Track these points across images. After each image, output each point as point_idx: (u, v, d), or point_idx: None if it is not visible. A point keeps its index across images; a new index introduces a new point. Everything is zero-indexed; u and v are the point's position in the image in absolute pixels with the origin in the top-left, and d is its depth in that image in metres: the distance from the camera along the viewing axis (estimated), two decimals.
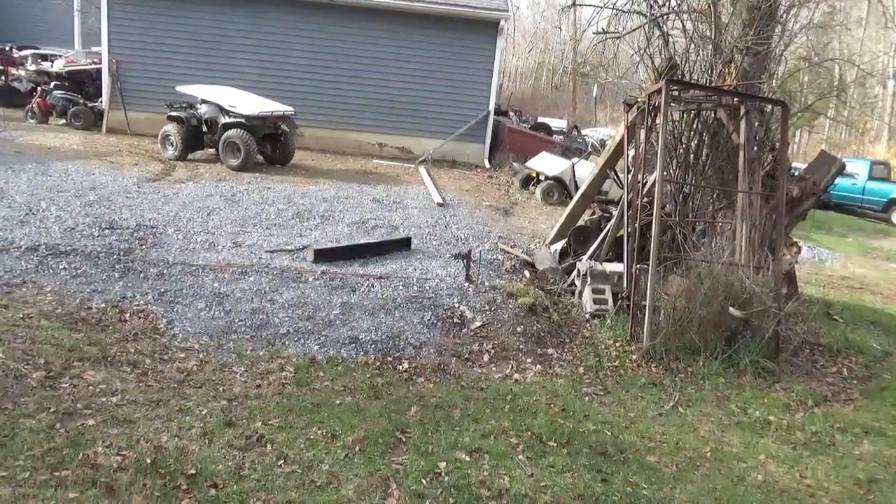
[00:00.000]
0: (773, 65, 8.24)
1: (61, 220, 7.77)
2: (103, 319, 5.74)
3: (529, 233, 10.23)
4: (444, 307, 6.80)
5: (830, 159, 8.25)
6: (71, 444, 3.89)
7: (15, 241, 6.92)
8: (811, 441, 5.40)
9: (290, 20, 15.03)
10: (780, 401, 6.05)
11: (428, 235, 8.98)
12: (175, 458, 3.93)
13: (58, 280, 6.27)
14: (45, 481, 3.53)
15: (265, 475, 3.93)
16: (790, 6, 8.07)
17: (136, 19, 14.66)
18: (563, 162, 13.62)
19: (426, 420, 4.86)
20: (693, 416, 5.61)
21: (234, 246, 7.70)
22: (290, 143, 12.86)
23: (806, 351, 7.26)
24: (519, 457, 4.52)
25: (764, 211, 7.31)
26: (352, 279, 7.12)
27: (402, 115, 15.69)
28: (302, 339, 5.92)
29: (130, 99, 14.61)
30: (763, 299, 6.54)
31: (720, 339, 6.54)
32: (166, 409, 4.50)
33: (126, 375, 4.90)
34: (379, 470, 4.13)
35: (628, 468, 4.57)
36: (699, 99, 7.78)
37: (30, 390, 4.43)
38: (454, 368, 5.89)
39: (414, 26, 15.31)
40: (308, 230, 8.63)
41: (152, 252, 7.23)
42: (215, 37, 14.83)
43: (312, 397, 4.99)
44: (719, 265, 6.73)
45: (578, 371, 6.23)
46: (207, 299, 6.34)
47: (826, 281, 10.75)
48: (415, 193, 11.69)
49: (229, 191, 10.21)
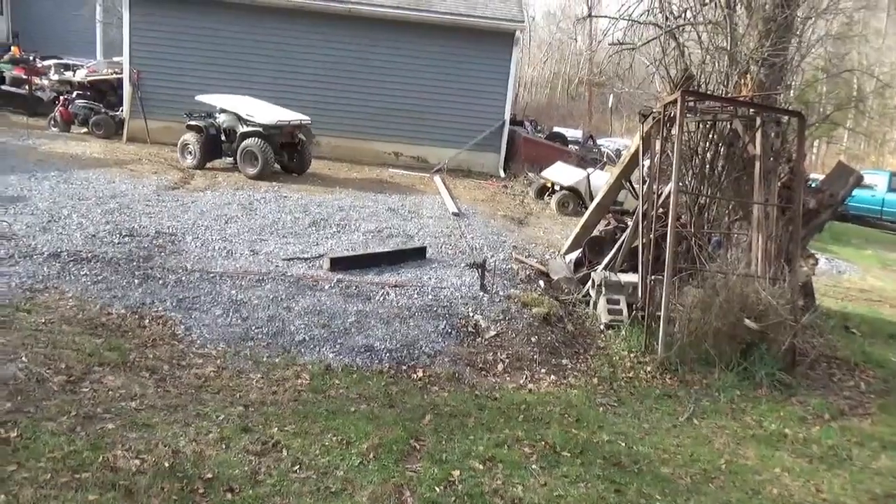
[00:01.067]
0: (790, 76, 8.22)
1: (83, 227, 7.91)
2: (123, 325, 5.83)
3: (544, 243, 10.24)
4: (458, 316, 6.83)
5: (848, 170, 8.19)
6: (91, 447, 3.96)
7: (38, 248, 7.06)
8: (828, 455, 5.35)
9: (307, 30, 15.21)
10: (796, 414, 6.00)
11: (443, 245, 9.03)
12: (192, 463, 3.98)
13: (79, 286, 6.38)
14: (65, 483, 3.60)
15: (280, 481, 3.97)
16: (807, 17, 8.06)
17: (156, 30, 14.90)
18: (578, 172, 13.62)
19: (440, 428, 4.89)
20: (708, 428, 5.59)
21: (251, 254, 7.79)
22: (307, 152, 12.98)
23: (823, 364, 7.20)
24: (533, 466, 4.53)
25: (780, 222, 7.27)
26: (367, 287, 7.17)
27: (418, 124, 15.79)
28: (317, 346, 5.97)
29: (150, 108, 14.83)
30: (779, 311, 6.50)
31: (735, 351, 6.51)
32: (184, 415, 4.56)
33: (145, 381, 4.98)
34: (393, 477, 4.16)
35: (642, 479, 4.56)
36: (715, 110, 7.77)
37: (51, 394, 4.51)
38: (468, 377, 5.91)
39: (430, 37, 15.42)
40: (324, 239, 8.71)
41: (171, 259, 7.33)
42: (234, 47, 15.03)
43: (328, 404, 5.03)
44: (735, 277, 6.71)
45: (593, 381, 6.22)
46: (225, 306, 6.42)
47: (844, 293, 10.64)
48: (430, 203, 11.75)
49: (247, 199, 10.33)
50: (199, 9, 14.90)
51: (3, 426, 4.00)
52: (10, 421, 4.07)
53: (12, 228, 7.57)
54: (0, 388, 4.42)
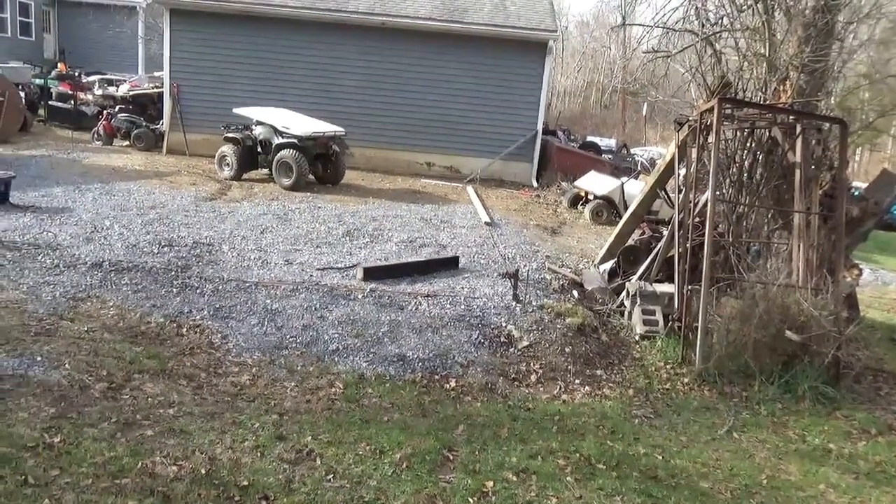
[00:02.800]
0: (831, 82, 8.04)
1: (124, 238, 8.11)
2: (162, 333, 5.95)
3: (578, 252, 10.16)
4: (491, 326, 6.80)
5: (893, 178, 7.96)
6: (131, 453, 4.03)
7: (81, 258, 7.25)
8: (874, 471, 5.17)
9: (342, 43, 15.41)
10: (840, 428, 5.82)
11: (475, 254, 9.01)
12: (228, 470, 4.03)
13: (120, 295, 6.53)
14: (106, 488, 3.67)
15: (314, 489, 3.99)
16: (849, 22, 7.88)
17: (195, 45, 15.26)
18: (612, 181, 13.49)
19: (473, 439, 4.86)
20: (748, 441, 5.45)
21: (286, 263, 7.88)
22: (341, 162, 13.12)
23: (868, 377, 6.98)
24: (567, 478, 4.47)
25: (822, 231, 7.09)
26: (400, 297, 7.19)
27: (451, 134, 15.83)
28: (351, 355, 6.00)
29: (189, 121, 15.17)
30: (822, 323, 6.32)
31: (776, 364, 6.34)
32: (220, 422, 4.62)
33: (182, 388, 5.06)
34: (426, 487, 4.15)
35: (680, 494, 4.46)
36: (753, 117, 7.63)
37: (93, 401, 4.62)
38: (501, 388, 5.87)
39: (463, 48, 15.49)
40: (357, 248, 8.77)
41: (208, 269, 7.46)
42: (270, 61, 15.30)
43: (361, 413, 5.04)
44: (775, 287, 6.55)
45: (628, 393, 6.13)
46: (260, 315, 6.50)
47: (890, 305, 10.31)
48: (462, 212, 11.76)
49: (282, 210, 10.47)
50: (236, 23, 15.22)
51: (48, 432, 4.10)
52: (54, 427, 4.17)
53: (57, 239, 7.80)
54: (45, 395, 4.54)
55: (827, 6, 7.39)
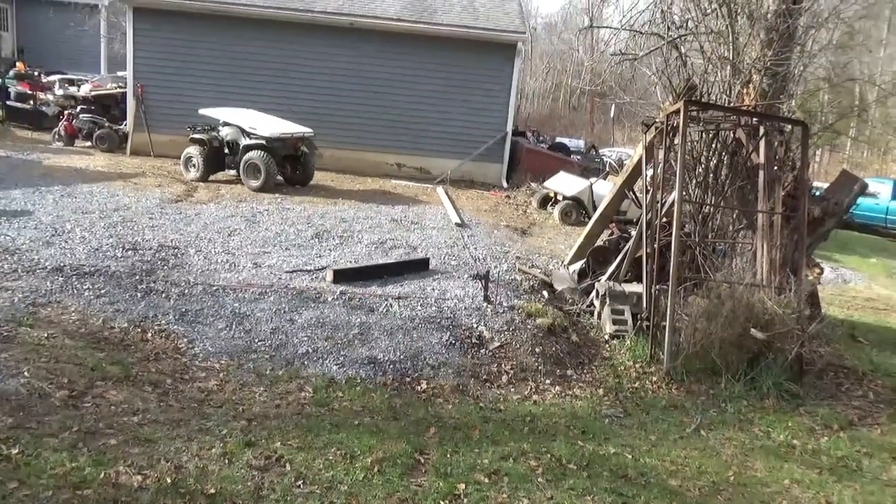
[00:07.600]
0: (793, 85, 8.21)
1: (86, 241, 7.91)
2: (126, 339, 5.81)
3: (548, 253, 10.22)
4: (462, 327, 6.79)
5: (852, 179, 8.16)
6: (93, 463, 3.93)
7: (41, 262, 7.05)
8: (837, 466, 5.29)
9: (310, 43, 15.27)
10: (804, 424, 5.94)
11: (446, 256, 9.00)
12: (195, 478, 3.95)
13: (82, 300, 6.37)
14: (67, 500, 3.57)
15: (284, 496, 3.93)
16: (809, 27, 8.06)
17: (159, 45, 14.97)
18: (581, 182, 13.61)
19: (445, 441, 4.85)
20: (715, 439, 5.53)
21: (255, 266, 7.77)
22: (310, 164, 13.00)
23: (830, 374, 7.14)
24: (539, 479, 4.48)
25: (785, 231, 7.24)
26: (370, 299, 7.15)
27: (421, 135, 15.81)
28: (321, 359, 5.94)
29: (154, 122, 14.88)
30: (785, 321, 6.45)
31: (742, 361, 6.46)
32: (187, 429, 4.53)
33: (147, 395, 4.95)
34: (398, 492, 4.12)
35: (650, 492, 4.51)
36: (718, 119, 7.76)
37: (53, 409, 4.48)
38: (473, 389, 5.87)
39: (432, 48, 15.48)
40: (327, 251, 8.69)
41: (174, 272, 7.32)
42: (237, 61, 15.10)
43: (331, 417, 4.99)
44: (741, 286, 6.67)
45: (598, 392, 6.17)
46: (228, 319, 6.40)
47: (850, 302, 10.58)
48: (433, 213, 11.74)
49: (250, 212, 10.33)
50: (201, 22, 14.97)
51: (5, 443, 3.97)
52: (12, 437, 4.04)
53: (16, 243, 7.57)
54: (2, 404, 4.39)
55: (788, 11, 7.55)
